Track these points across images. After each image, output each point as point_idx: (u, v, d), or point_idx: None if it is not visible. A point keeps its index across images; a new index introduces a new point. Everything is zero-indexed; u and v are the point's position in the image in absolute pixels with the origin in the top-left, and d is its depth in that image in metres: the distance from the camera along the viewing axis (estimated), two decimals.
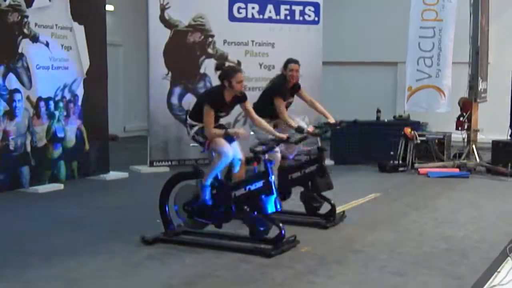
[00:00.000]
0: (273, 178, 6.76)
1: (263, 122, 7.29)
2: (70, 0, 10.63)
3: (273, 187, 6.73)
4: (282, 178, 7.91)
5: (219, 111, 6.98)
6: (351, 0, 17.86)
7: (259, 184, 6.75)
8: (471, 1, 12.67)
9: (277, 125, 8.08)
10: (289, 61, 8.30)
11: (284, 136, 7.14)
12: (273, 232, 6.76)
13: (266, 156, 6.83)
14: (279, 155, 7.96)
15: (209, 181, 6.93)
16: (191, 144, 7.38)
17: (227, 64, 7.53)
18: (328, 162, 9.02)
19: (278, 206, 6.75)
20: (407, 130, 12.59)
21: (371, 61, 17.60)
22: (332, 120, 8.40)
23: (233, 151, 6.92)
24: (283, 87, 8.26)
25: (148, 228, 7.34)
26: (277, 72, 8.70)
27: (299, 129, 7.94)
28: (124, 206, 9.13)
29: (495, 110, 14.09)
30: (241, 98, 7.11)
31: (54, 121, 10.45)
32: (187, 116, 7.21)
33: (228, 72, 6.99)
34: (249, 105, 7.28)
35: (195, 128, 7.01)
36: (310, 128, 8.05)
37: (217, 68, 7.13)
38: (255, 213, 6.74)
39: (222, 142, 6.87)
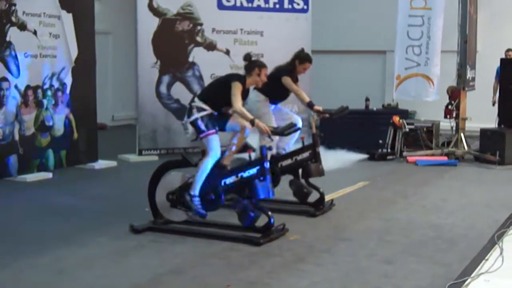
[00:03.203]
0: (267, 165, 6.78)
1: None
2: None
3: (267, 174, 6.75)
4: (271, 166, 7.92)
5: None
6: None
7: (253, 170, 6.77)
8: None
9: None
10: (308, 59, 8.45)
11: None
12: (262, 221, 6.77)
13: (263, 142, 6.86)
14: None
15: (197, 190, 6.86)
16: (187, 130, 7.23)
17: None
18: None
19: (271, 193, 6.79)
20: (396, 119, 12.63)
21: (360, 49, 17.60)
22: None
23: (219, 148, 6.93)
24: (291, 73, 8.35)
25: (137, 216, 7.34)
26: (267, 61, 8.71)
27: (310, 105, 8.22)
28: (113, 195, 9.11)
29: (483, 99, 14.13)
30: (247, 93, 7.29)
31: (42, 110, 10.41)
32: (194, 98, 7.15)
33: (262, 63, 7.23)
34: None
35: (204, 113, 6.93)
36: (319, 107, 8.25)
37: (245, 58, 7.21)
38: (245, 200, 6.75)
39: (216, 142, 6.89)
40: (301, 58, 8.40)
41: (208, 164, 6.84)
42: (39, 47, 10.32)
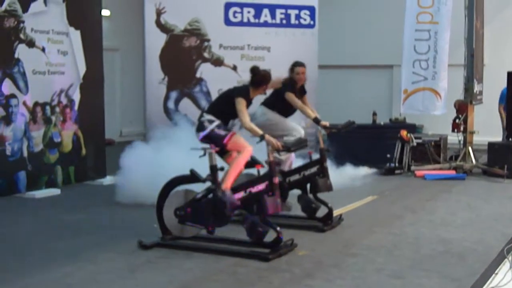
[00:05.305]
0: (276, 180, 6.78)
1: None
2: (66, 5, 10.66)
3: (276, 189, 6.76)
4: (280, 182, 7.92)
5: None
6: (346, 4, 17.91)
7: (262, 186, 6.77)
8: (466, 3, 12.69)
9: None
10: (296, 64, 8.50)
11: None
12: (270, 236, 6.76)
13: (271, 158, 6.86)
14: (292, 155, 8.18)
15: (228, 184, 6.82)
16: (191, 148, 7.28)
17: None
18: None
19: (279, 208, 6.78)
20: (403, 133, 12.62)
21: (367, 64, 17.64)
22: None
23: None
24: (293, 87, 8.38)
25: (146, 232, 7.34)
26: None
27: (316, 120, 8.25)
28: (121, 211, 9.11)
29: (490, 112, 14.12)
30: (251, 102, 7.25)
31: (50, 126, 10.46)
32: (203, 113, 7.19)
33: (267, 76, 7.25)
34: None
35: (215, 123, 6.97)
36: (326, 123, 8.27)
37: (252, 70, 7.22)
38: (253, 215, 6.75)
39: (243, 140, 6.95)
40: (290, 68, 8.47)
41: (241, 160, 6.87)
42: (47, 64, 10.38)
